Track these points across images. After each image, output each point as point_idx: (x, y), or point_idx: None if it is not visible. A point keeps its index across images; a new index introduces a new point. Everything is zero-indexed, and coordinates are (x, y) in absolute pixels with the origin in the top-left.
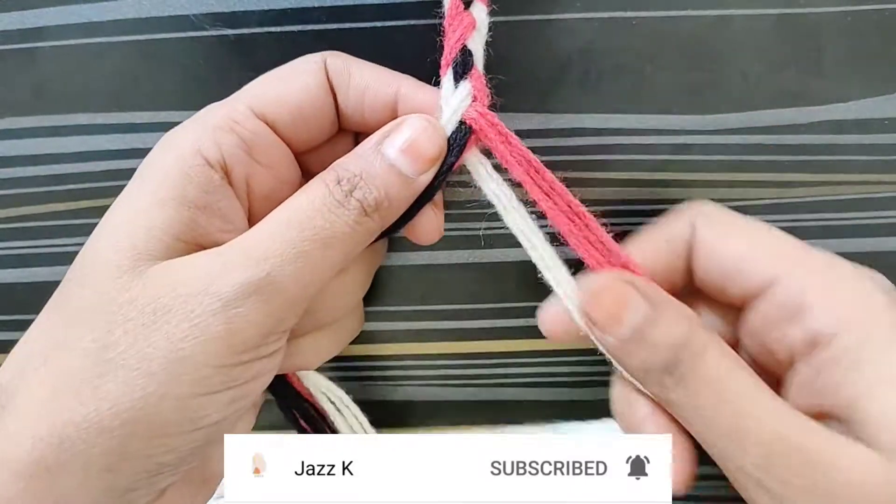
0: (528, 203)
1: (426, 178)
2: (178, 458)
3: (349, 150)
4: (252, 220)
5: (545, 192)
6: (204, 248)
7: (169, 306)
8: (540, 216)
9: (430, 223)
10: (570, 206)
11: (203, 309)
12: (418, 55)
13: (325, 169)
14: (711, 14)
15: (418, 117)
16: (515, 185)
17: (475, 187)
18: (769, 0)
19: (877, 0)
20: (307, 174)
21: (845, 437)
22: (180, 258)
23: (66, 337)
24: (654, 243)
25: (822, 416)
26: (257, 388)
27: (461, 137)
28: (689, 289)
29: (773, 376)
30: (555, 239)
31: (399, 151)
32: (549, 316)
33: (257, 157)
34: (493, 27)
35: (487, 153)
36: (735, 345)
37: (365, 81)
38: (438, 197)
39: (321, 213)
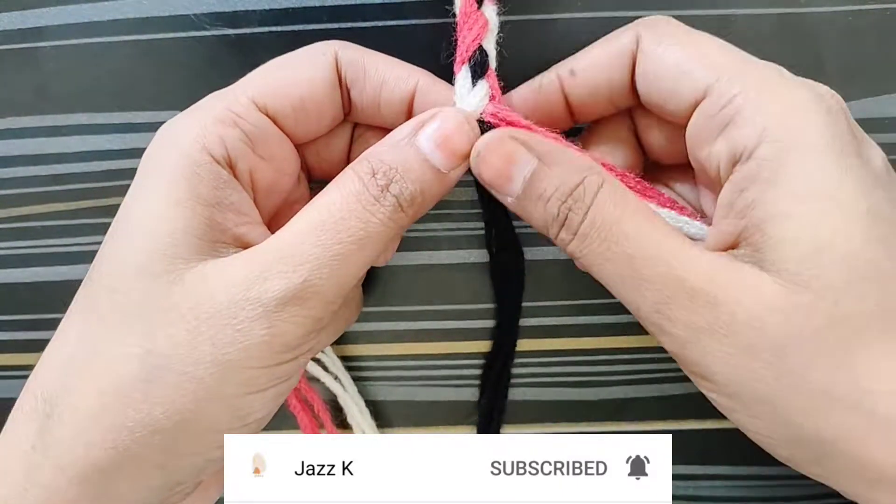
0: None
1: (457, 173)
2: (224, 454)
3: (347, 143)
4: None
5: None
6: (224, 242)
7: (211, 313)
8: None
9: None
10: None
11: (245, 315)
12: (420, 54)
13: (322, 160)
14: (712, 14)
15: (454, 111)
16: None
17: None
18: (770, 0)
19: (877, 0)
20: (304, 164)
21: (751, 267)
22: (215, 262)
23: (107, 342)
24: (601, 57)
25: (737, 243)
26: (296, 381)
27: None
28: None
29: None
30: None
31: (434, 145)
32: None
33: (259, 151)
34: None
35: None
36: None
37: (381, 76)
38: None
39: (356, 213)
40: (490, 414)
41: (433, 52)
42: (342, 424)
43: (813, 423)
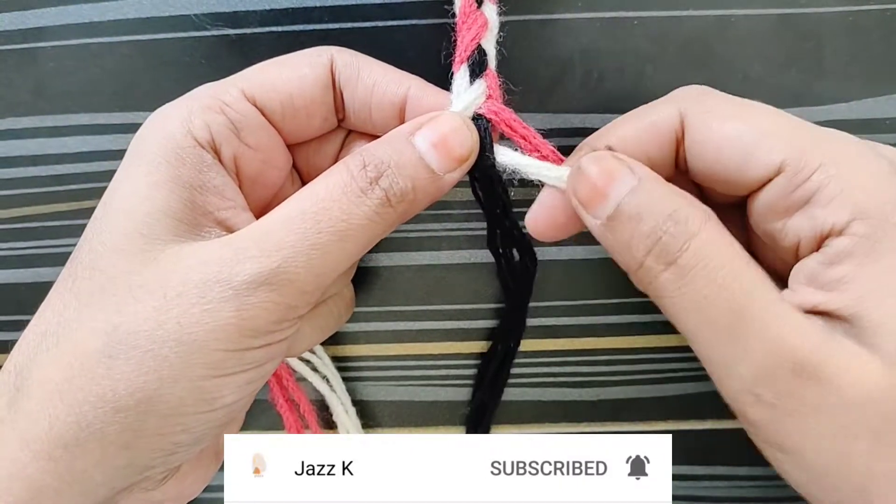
0: None
1: (453, 177)
2: (194, 438)
3: (338, 150)
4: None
5: None
6: (206, 226)
7: (180, 291)
8: None
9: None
10: None
11: (214, 296)
12: (420, 54)
13: (312, 165)
14: (713, 14)
15: (453, 115)
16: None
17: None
18: (770, 0)
19: (878, 0)
20: (296, 166)
21: (850, 342)
22: (193, 244)
23: (78, 318)
24: (638, 131)
25: (824, 315)
26: (271, 369)
27: (484, 133)
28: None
29: (776, 275)
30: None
31: (430, 145)
32: (535, 212)
33: (245, 139)
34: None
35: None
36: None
37: (373, 79)
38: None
39: (339, 204)
40: (482, 413)
41: (434, 52)
42: (329, 424)
43: None
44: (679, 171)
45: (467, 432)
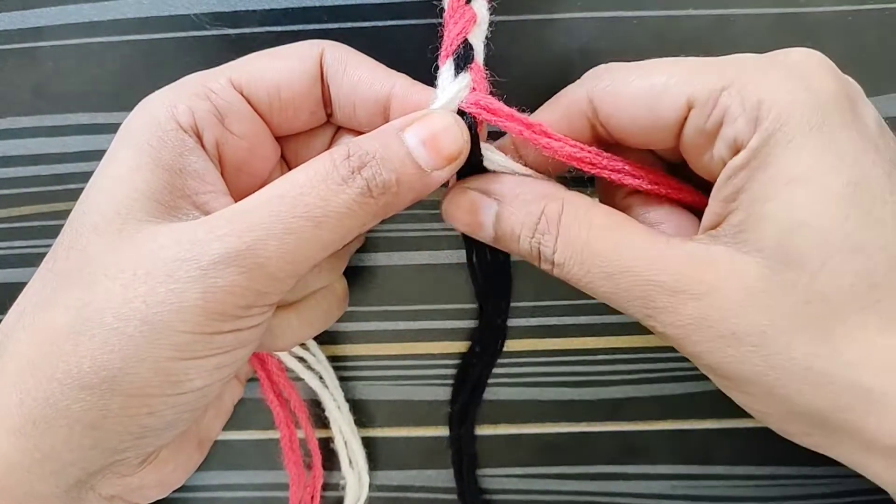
0: None
1: (440, 175)
2: (163, 422)
3: (326, 145)
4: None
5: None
6: (185, 209)
7: (149, 269)
8: None
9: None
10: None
11: (182, 275)
12: (419, 54)
13: (300, 158)
14: (712, 14)
15: (445, 113)
16: None
17: None
18: (770, 0)
19: (877, 0)
20: (285, 159)
21: (728, 251)
22: (168, 224)
23: (54, 296)
24: (558, 122)
25: (719, 223)
26: (243, 356)
27: (470, 130)
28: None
29: None
30: None
31: (419, 141)
32: None
33: (229, 126)
34: (493, 26)
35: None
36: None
37: (359, 75)
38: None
39: (317, 190)
40: (465, 414)
41: (432, 52)
42: (322, 422)
43: (802, 399)
44: (609, 145)
45: (450, 433)
